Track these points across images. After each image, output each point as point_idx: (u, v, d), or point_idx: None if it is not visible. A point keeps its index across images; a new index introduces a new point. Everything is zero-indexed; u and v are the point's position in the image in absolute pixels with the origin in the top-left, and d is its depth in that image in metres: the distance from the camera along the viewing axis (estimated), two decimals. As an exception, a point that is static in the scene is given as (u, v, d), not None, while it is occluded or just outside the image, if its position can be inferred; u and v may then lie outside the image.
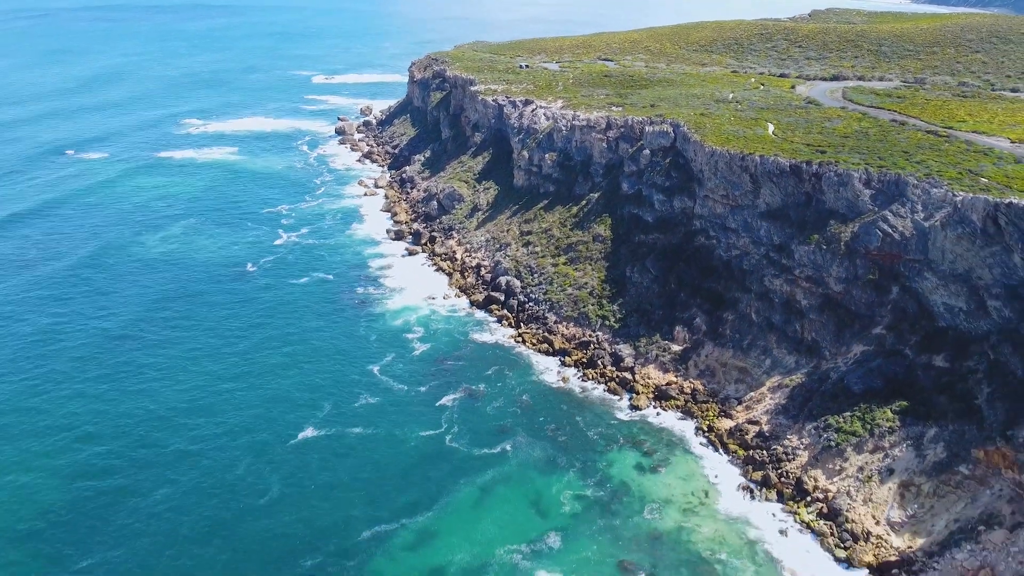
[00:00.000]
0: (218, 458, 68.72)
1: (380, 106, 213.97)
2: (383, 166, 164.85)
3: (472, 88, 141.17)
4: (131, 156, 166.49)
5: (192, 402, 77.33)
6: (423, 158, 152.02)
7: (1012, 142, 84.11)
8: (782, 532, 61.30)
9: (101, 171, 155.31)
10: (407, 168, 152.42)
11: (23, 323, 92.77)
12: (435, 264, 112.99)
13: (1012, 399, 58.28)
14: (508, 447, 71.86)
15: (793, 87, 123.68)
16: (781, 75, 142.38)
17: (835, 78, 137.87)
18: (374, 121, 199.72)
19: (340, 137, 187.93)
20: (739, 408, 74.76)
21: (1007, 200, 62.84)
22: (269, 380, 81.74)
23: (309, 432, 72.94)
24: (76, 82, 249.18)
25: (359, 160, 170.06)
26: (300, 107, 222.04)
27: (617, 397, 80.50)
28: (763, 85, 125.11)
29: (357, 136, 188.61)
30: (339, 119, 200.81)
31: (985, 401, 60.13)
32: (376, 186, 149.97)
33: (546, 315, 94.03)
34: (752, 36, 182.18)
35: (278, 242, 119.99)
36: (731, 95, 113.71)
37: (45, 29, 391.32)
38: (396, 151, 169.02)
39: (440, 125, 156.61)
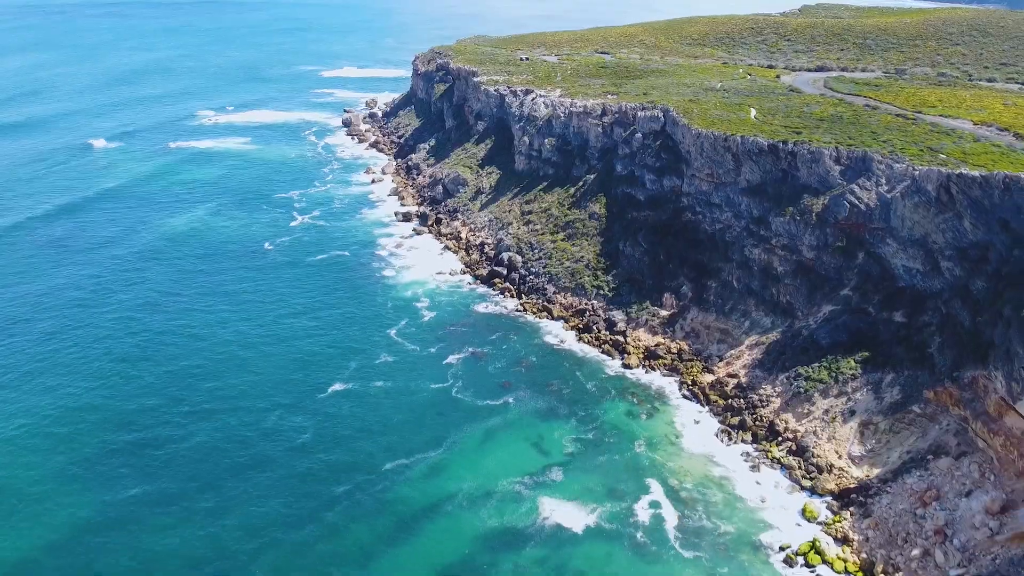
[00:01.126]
0: (254, 408, 76.34)
1: (384, 99, 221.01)
2: (389, 155, 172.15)
3: (475, 79, 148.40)
4: (148, 146, 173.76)
5: (225, 362, 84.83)
6: (428, 146, 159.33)
7: (975, 124, 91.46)
8: (755, 467, 68.88)
9: (121, 160, 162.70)
10: (413, 156, 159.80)
11: (64, 295, 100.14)
12: (442, 243, 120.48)
13: (959, 346, 65.75)
14: (511, 399, 79.43)
15: (778, 77, 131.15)
16: (769, 66, 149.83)
17: (819, 69, 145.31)
18: (379, 113, 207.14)
19: (347, 128, 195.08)
20: (720, 364, 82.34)
21: (958, 171, 70.26)
22: (297, 343, 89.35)
23: (337, 386, 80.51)
24: (90, 76, 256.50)
25: (366, 149, 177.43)
26: (307, 100, 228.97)
27: (610, 357, 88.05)
28: (750, 75, 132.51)
29: (363, 127, 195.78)
30: (345, 111, 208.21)
31: (936, 349, 67.69)
32: (383, 173, 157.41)
33: (545, 286, 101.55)
34: (743, 30, 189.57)
35: (293, 223, 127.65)
36: (719, 84, 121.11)
37: (58, 26, 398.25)
38: (401, 141, 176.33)
39: (444, 115, 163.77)
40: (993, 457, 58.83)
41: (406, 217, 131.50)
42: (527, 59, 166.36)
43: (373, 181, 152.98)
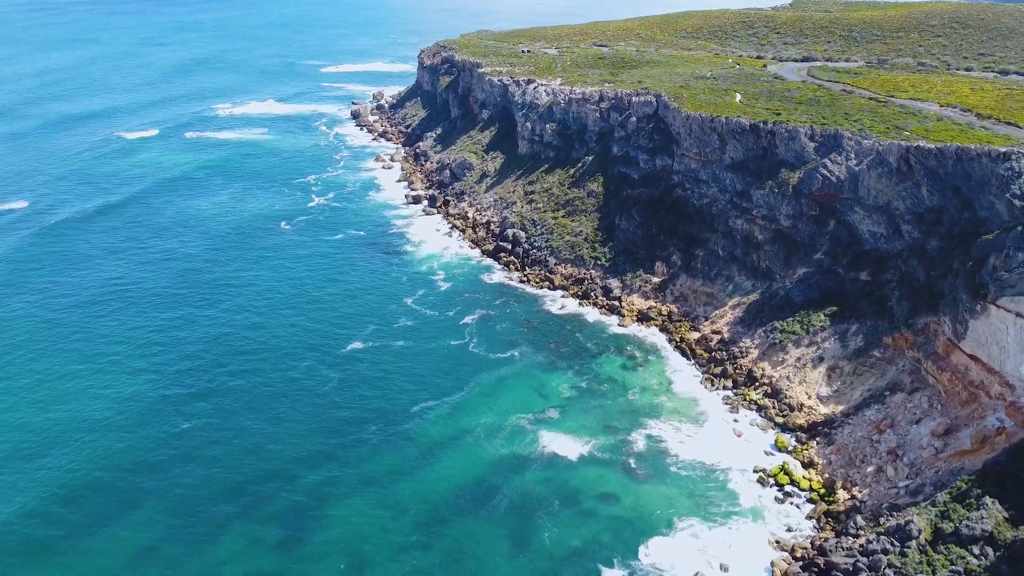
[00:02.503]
0: (284, 361, 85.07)
1: (390, 92, 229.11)
2: (397, 143, 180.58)
3: (479, 70, 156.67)
4: (167, 136, 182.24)
5: (255, 324, 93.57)
6: (435, 135, 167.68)
7: (941, 106, 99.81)
8: (734, 408, 77.43)
9: (142, 149, 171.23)
10: (420, 144, 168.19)
11: (102, 270, 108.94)
12: (450, 222, 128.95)
13: (915, 298, 74.19)
14: (517, 353, 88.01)
15: (765, 66, 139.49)
16: (758, 57, 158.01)
17: (805, 59, 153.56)
18: (386, 105, 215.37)
19: (356, 119, 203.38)
20: (705, 323, 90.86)
21: (916, 144, 78.70)
22: (319, 308, 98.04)
23: (357, 344, 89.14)
24: (104, 70, 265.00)
25: (375, 139, 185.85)
26: (316, 93, 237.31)
27: (607, 320, 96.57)
28: (738, 65, 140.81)
29: (371, 118, 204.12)
30: (353, 103, 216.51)
31: (895, 301, 76.17)
32: (392, 160, 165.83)
33: (547, 259, 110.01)
34: (735, 24, 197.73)
35: (311, 204, 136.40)
36: (709, 72, 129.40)
37: (64, 22, 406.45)
38: (409, 130, 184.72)
39: (449, 105, 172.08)
40: (941, 391, 67.29)
41: (415, 200, 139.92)
42: (529, 52, 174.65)
43: (383, 167, 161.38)
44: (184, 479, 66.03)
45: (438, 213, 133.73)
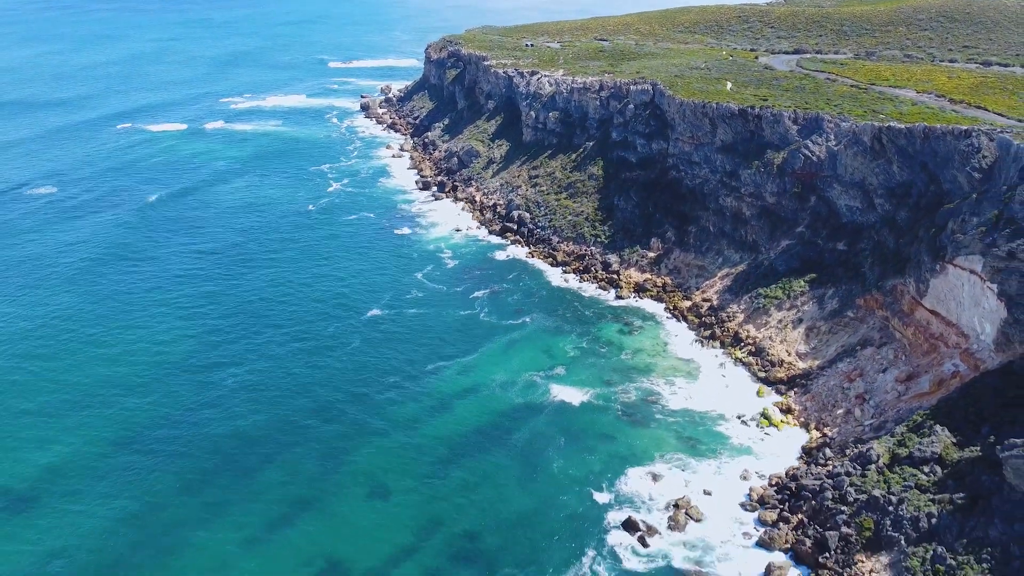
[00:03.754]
0: (311, 324, 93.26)
1: (398, 86, 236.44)
2: (406, 134, 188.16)
3: (485, 63, 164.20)
4: (184, 127, 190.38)
5: (282, 293, 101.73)
6: (442, 125, 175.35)
7: (917, 92, 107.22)
8: (721, 365, 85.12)
9: (162, 139, 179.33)
10: (428, 134, 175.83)
11: (143, 247, 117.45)
12: (458, 206, 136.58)
13: (884, 263, 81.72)
14: (526, 320, 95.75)
15: (757, 58, 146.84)
16: (751, 50, 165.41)
17: (796, 51, 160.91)
18: (394, 98, 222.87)
19: (365, 112, 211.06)
20: (697, 293, 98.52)
21: (887, 124, 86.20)
22: (338, 281, 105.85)
23: (376, 311, 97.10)
24: (120, 64, 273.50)
25: (384, 130, 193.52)
26: (325, 87, 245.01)
27: (606, 292, 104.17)
28: (732, 56, 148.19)
29: (380, 111, 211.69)
30: (362, 97, 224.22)
31: (868, 267, 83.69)
32: (402, 149, 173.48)
33: (551, 237, 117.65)
34: (731, 19, 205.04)
35: (329, 190, 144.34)
36: (703, 63, 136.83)
37: (78, 18, 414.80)
38: (417, 122, 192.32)
39: (456, 97, 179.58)
40: (905, 344, 74.85)
41: (425, 185, 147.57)
42: (532, 45, 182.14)
43: (393, 156, 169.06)
44: (225, 423, 73.97)
45: (447, 198, 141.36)
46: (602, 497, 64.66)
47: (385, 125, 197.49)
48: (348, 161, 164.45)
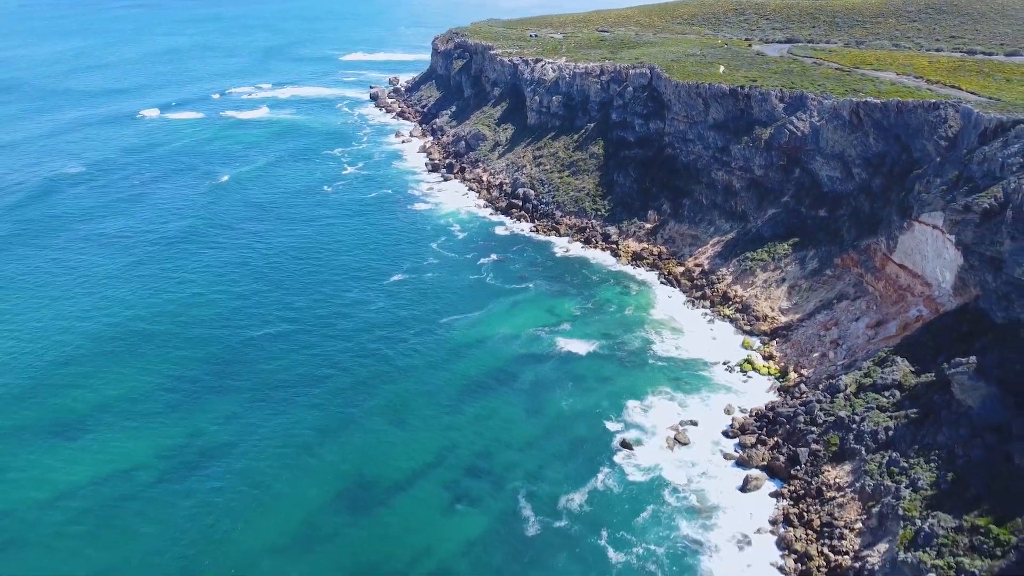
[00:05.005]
0: (336, 286, 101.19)
1: (405, 78, 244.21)
2: (414, 121, 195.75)
3: (491, 52, 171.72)
4: (201, 115, 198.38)
5: (308, 260, 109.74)
6: (449, 112, 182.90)
7: (897, 74, 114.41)
8: (710, 321, 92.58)
9: (178, 127, 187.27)
10: (436, 120, 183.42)
11: (163, 224, 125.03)
12: (466, 185, 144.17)
13: (860, 226, 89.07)
14: (530, 284, 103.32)
15: (750, 45, 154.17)
16: (746, 39, 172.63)
17: (789, 41, 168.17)
18: (402, 88, 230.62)
19: (374, 102, 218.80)
20: (690, 259, 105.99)
21: (864, 100, 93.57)
22: (360, 250, 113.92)
23: (396, 276, 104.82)
24: (134, 58, 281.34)
25: (393, 118, 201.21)
26: (335, 79, 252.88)
27: (606, 260, 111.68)
28: (726, 45, 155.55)
29: (389, 100, 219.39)
30: (371, 87, 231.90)
31: (845, 230, 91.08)
32: (411, 135, 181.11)
33: (554, 212, 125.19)
34: (728, 11, 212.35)
35: (344, 172, 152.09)
36: (698, 50, 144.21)
37: (90, 17, 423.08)
38: (425, 110, 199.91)
39: (462, 86, 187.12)
40: (877, 296, 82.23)
41: (435, 167, 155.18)
42: (536, 36, 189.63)
43: (403, 142, 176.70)
44: (266, 363, 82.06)
45: (455, 178, 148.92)
46: (600, 425, 72.25)
47: (394, 113, 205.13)
48: (360, 146, 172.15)
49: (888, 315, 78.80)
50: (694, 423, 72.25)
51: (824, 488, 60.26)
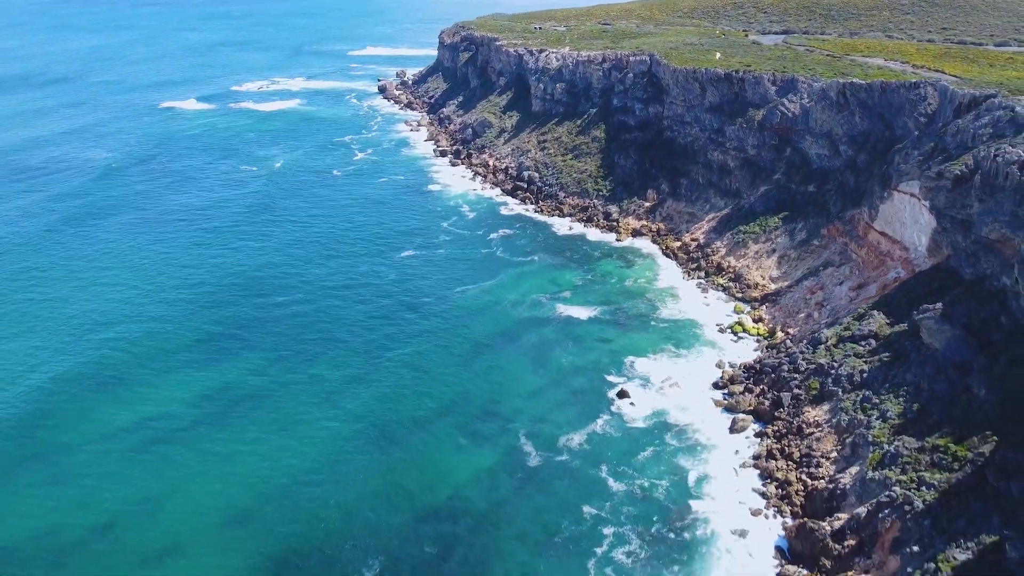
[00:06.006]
0: (349, 259, 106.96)
1: (412, 71, 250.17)
2: (422, 111, 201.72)
3: (496, 43, 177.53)
4: (215, 106, 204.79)
5: (315, 242, 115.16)
6: (456, 102, 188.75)
7: (884, 60, 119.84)
8: (705, 290, 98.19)
9: (194, 117, 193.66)
10: (443, 110, 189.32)
11: (193, 201, 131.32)
12: (473, 170, 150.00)
13: (845, 198, 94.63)
14: (535, 257, 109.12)
15: (746, 35, 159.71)
16: (743, 31, 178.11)
17: (785, 32, 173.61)
18: (410, 81, 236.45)
19: (383, 94, 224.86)
20: (687, 235, 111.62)
21: (850, 81, 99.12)
22: (372, 227, 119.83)
23: (408, 252, 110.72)
24: (147, 53, 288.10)
25: (401, 108, 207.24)
26: (343, 72, 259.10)
27: (607, 236, 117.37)
28: (724, 35, 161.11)
29: (397, 92, 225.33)
30: (379, 80, 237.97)
31: (832, 203, 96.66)
32: (419, 124, 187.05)
33: (557, 193, 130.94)
34: (727, 5, 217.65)
35: (355, 158, 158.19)
36: (696, 39, 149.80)
37: (102, 12, 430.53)
38: (432, 101, 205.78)
39: (469, 77, 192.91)
40: (860, 262, 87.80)
41: (443, 153, 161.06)
42: (540, 28, 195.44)
43: (411, 130, 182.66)
44: (290, 321, 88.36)
45: (463, 164, 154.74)
46: (599, 378, 78.04)
47: (402, 104, 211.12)
48: (370, 135, 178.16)
49: (869, 278, 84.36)
50: (687, 376, 77.94)
51: (804, 426, 65.91)
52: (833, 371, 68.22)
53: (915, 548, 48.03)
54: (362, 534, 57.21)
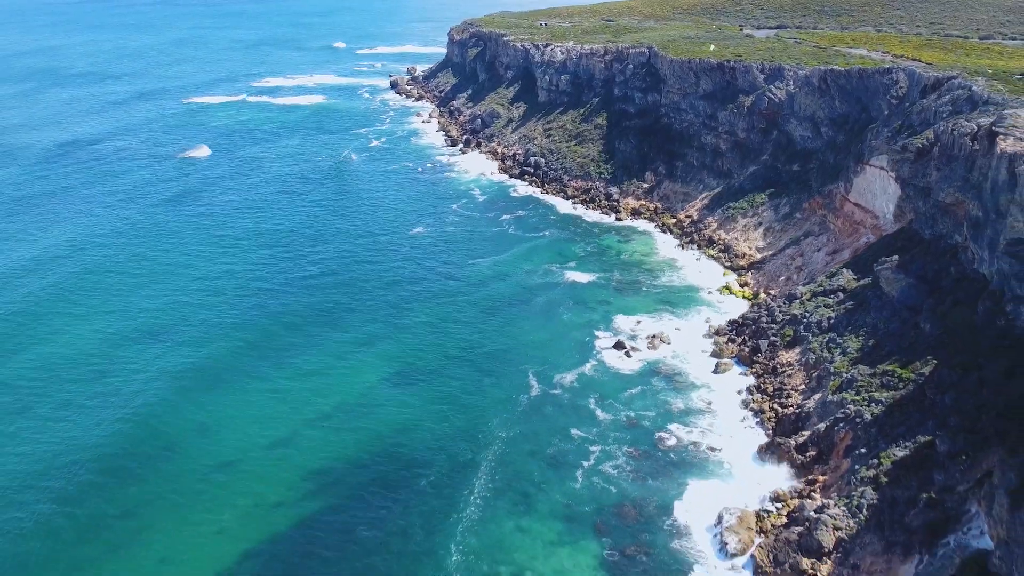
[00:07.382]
0: (364, 236, 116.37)
1: (422, 67, 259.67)
2: (433, 104, 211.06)
3: (504, 39, 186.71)
4: (234, 99, 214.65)
5: (336, 218, 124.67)
6: (465, 95, 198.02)
7: (867, 51, 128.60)
8: (697, 260, 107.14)
9: (215, 109, 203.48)
10: (453, 103, 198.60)
11: (215, 191, 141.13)
12: (483, 157, 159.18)
13: (825, 175, 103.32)
14: (544, 233, 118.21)
15: (741, 29, 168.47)
16: (739, 25, 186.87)
17: (778, 27, 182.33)
18: (420, 76, 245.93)
19: (394, 89, 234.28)
20: (682, 212, 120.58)
21: (830, 67, 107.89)
22: (384, 208, 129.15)
23: (420, 229, 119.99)
24: (162, 49, 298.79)
25: (413, 102, 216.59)
26: (354, 69, 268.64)
27: (608, 215, 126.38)
28: (720, 29, 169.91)
29: (408, 87, 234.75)
30: (390, 76, 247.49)
31: (813, 179, 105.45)
32: (430, 116, 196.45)
33: (562, 177, 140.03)
34: (726, 2, 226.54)
35: (370, 145, 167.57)
36: (692, 33, 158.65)
37: (117, 11, 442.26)
38: (442, 94, 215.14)
39: (477, 71, 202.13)
40: (836, 231, 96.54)
41: (453, 142, 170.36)
42: (545, 25, 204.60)
43: (423, 121, 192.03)
44: (315, 292, 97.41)
45: (472, 151, 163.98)
46: (598, 332, 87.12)
47: (413, 98, 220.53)
48: (383, 126, 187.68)
49: (843, 244, 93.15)
50: (677, 329, 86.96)
51: (778, 367, 74.82)
52: (805, 319, 77.09)
53: (863, 451, 56.93)
54: (394, 451, 66.57)
